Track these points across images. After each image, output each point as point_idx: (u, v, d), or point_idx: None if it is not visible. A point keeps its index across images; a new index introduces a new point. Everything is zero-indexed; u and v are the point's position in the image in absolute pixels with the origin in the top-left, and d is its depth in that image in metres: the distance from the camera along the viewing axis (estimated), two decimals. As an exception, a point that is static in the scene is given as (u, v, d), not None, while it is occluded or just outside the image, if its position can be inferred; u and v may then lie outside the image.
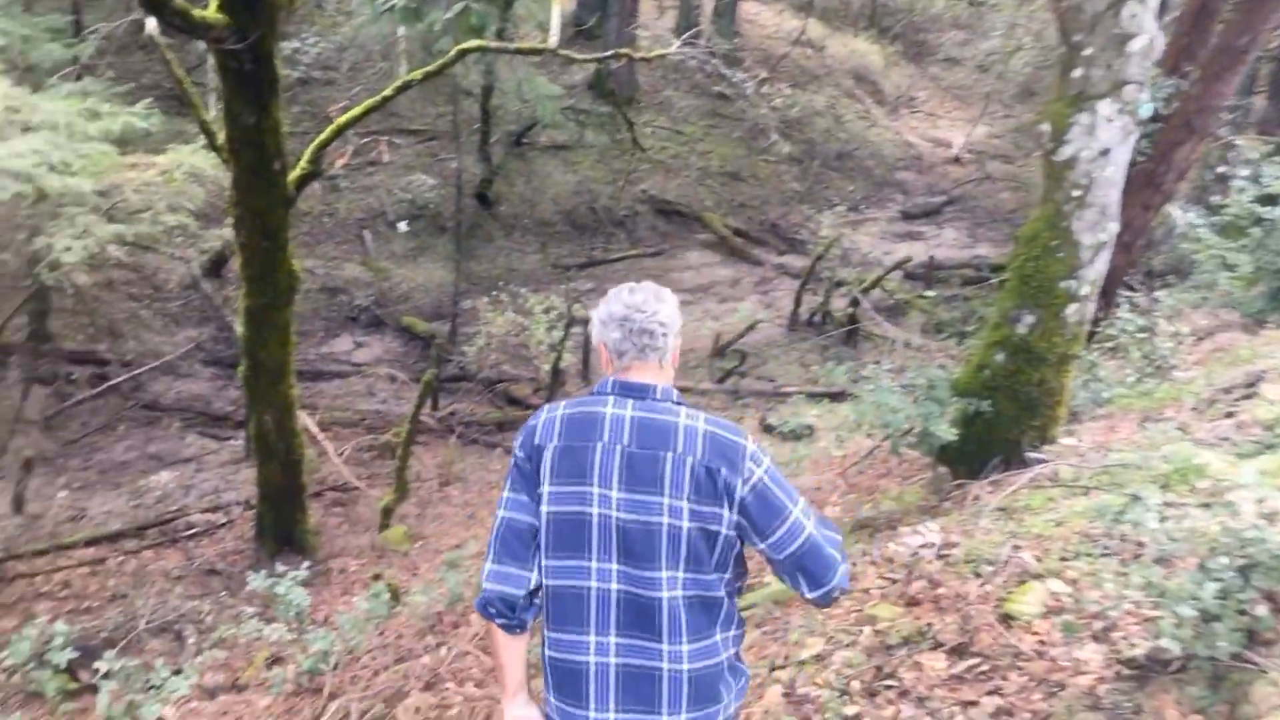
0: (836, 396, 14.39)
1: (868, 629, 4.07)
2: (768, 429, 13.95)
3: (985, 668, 3.50)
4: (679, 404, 2.25)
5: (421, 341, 17.06)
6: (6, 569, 10.19)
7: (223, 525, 11.33)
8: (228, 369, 14.55)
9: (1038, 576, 3.98)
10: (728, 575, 2.24)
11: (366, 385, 15.43)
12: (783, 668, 4.01)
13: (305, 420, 10.83)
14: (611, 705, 2.14)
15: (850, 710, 3.50)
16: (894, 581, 4.42)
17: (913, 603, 4.19)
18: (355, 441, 13.04)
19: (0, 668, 6.91)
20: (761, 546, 2.17)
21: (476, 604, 2.29)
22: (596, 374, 17.23)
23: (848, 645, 3.99)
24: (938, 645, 3.75)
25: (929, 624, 3.95)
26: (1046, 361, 5.40)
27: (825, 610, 4.14)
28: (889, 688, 3.59)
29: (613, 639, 2.13)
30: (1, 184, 8.35)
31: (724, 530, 2.14)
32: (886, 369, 9.24)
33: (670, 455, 2.10)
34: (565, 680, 2.19)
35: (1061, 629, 3.56)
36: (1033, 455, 5.35)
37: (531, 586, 2.24)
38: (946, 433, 5.25)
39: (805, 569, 2.17)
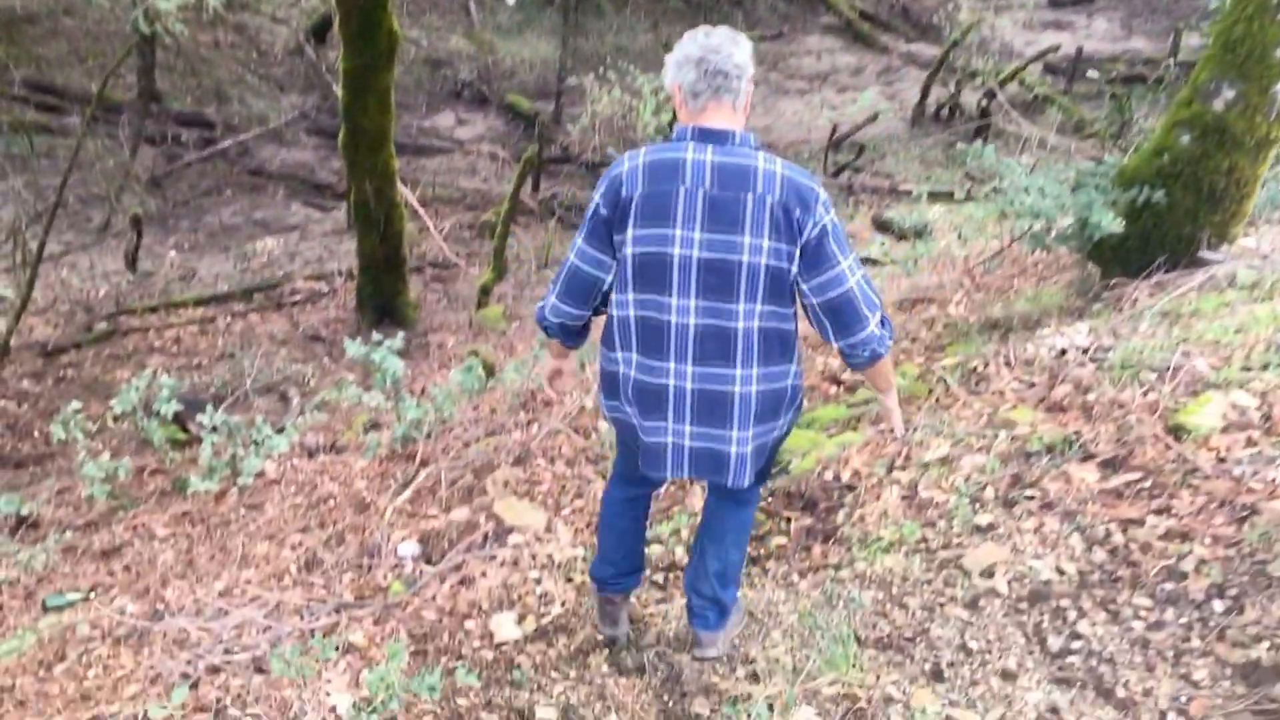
0: (956, 196, 13.46)
1: (1003, 433, 3.61)
2: (882, 226, 13.18)
3: (1148, 484, 3.05)
4: (757, 148, 2.27)
5: (525, 120, 16.46)
6: (121, 323, 10.45)
7: (325, 294, 11.37)
8: (331, 139, 14.28)
9: (1215, 387, 3.44)
10: (794, 308, 2.38)
11: (468, 163, 15.05)
12: (903, 469, 3.62)
13: (406, 193, 10.56)
14: (687, 419, 2.33)
15: (983, 519, 3.12)
16: (1032, 385, 3.92)
17: (1056, 408, 3.71)
18: (455, 219, 12.81)
19: (112, 415, 7.07)
20: (805, 287, 2.26)
21: (536, 317, 2.49)
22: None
23: (979, 450, 3.56)
24: (1089, 456, 3.29)
25: (1077, 432, 3.48)
26: (1242, 146, 4.60)
27: (946, 408, 3.71)
28: (1029, 498, 3.18)
29: (690, 367, 2.28)
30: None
31: (793, 267, 2.23)
32: (1025, 160, 8.36)
33: (751, 196, 2.17)
34: (646, 397, 2.36)
35: (1246, 445, 3.06)
36: (1208, 255, 4.67)
37: (587, 320, 2.46)
38: (1111, 223, 4.57)
39: (838, 317, 2.25)
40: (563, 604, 3.12)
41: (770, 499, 3.28)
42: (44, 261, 9.93)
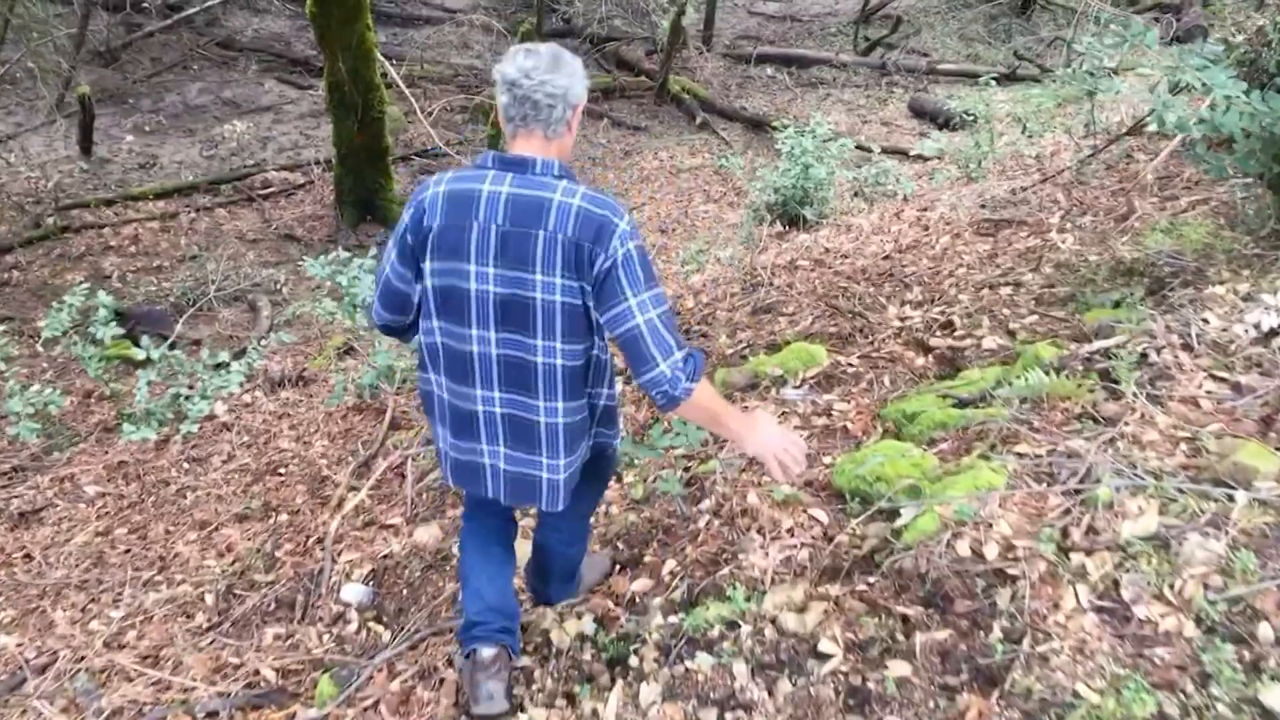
0: (1004, 80, 12.10)
1: (1237, 494, 2.14)
2: (920, 112, 11.90)
3: None
4: (560, 177, 2.15)
5: (523, -13, 14.90)
6: (72, 218, 9.37)
7: (301, 186, 10.24)
8: (307, 6, 12.87)
9: None
10: (603, 341, 2.34)
11: (460, 35, 13.62)
12: (1086, 550, 2.12)
13: (390, 71, 9.33)
14: (500, 442, 2.30)
15: (1268, 690, 1.77)
16: (1238, 388, 2.52)
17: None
18: (445, 101, 11.52)
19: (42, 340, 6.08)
20: (599, 319, 2.17)
21: (373, 324, 2.44)
22: (719, 36, 14.99)
23: (1207, 524, 2.10)
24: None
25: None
26: None
27: (1113, 423, 2.34)
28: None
29: (497, 393, 2.26)
30: None
31: (590, 301, 2.15)
32: (1109, 43, 7.14)
33: (543, 234, 2.10)
34: (458, 421, 2.34)
35: None
36: None
37: (411, 323, 2.37)
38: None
39: (630, 355, 2.14)
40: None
41: (874, 580, 2.15)
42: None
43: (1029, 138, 7.28)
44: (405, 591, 2.68)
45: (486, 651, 2.30)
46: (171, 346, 8.13)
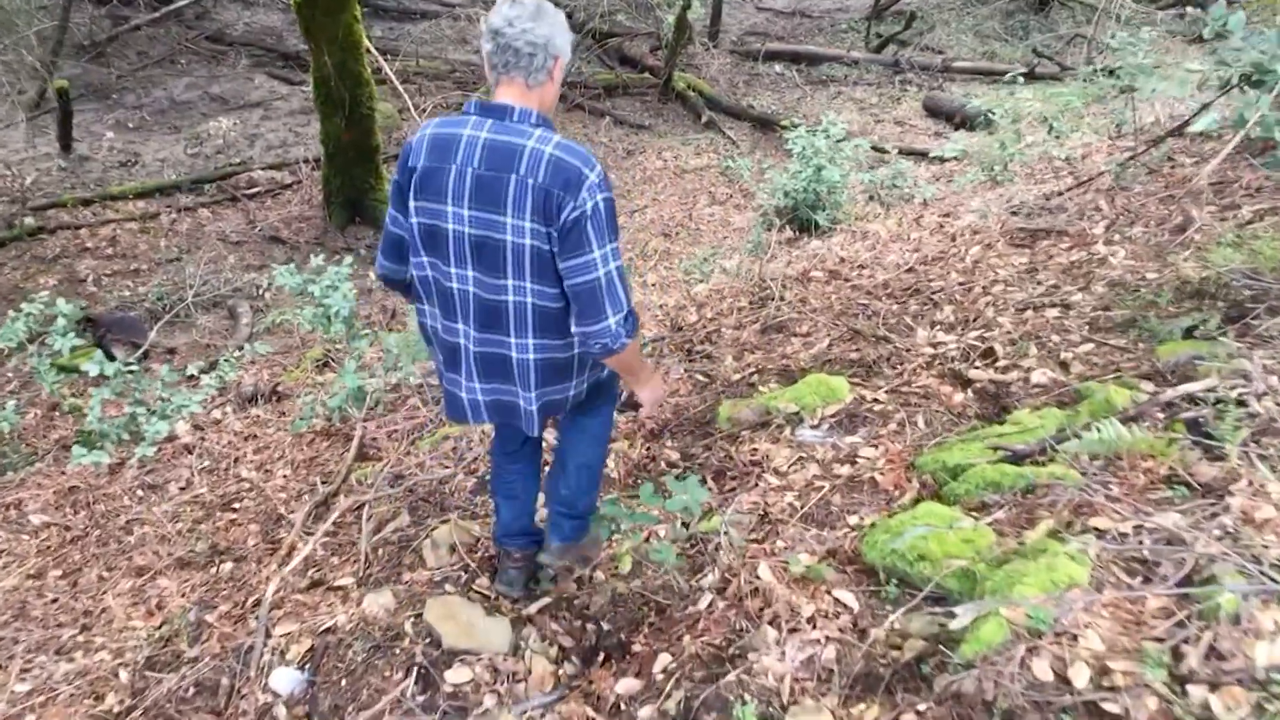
0: (1024, 78, 11.61)
1: None
2: (936, 111, 11.41)
3: None
4: (537, 125, 2.21)
5: (524, -20, 14.45)
6: (49, 218, 8.93)
7: (289, 185, 9.79)
8: (299, -1, 12.42)
9: None
10: None
11: (458, 30, 13.16)
12: (1212, 684, 1.61)
13: (383, 66, 8.88)
14: (477, 377, 2.43)
15: None
16: None
17: None
18: (442, 97, 11.07)
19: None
20: (560, 266, 2.22)
21: (376, 274, 2.54)
22: (725, 31, 14.50)
23: None
24: None
25: None
26: None
27: (1220, 495, 1.87)
28: None
29: (473, 331, 2.35)
30: None
31: (555, 248, 2.20)
32: (1146, 34, 6.66)
33: (514, 178, 2.16)
34: (446, 352, 2.47)
35: None
36: None
37: (409, 277, 2.44)
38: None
39: (579, 304, 2.22)
40: None
41: (924, 708, 1.68)
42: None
43: (1056, 138, 6.81)
44: (344, 682, 2.23)
45: (514, 551, 2.71)
46: (145, 355, 7.70)
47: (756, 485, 2.62)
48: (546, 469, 2.95)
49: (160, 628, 2.81)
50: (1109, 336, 2.94)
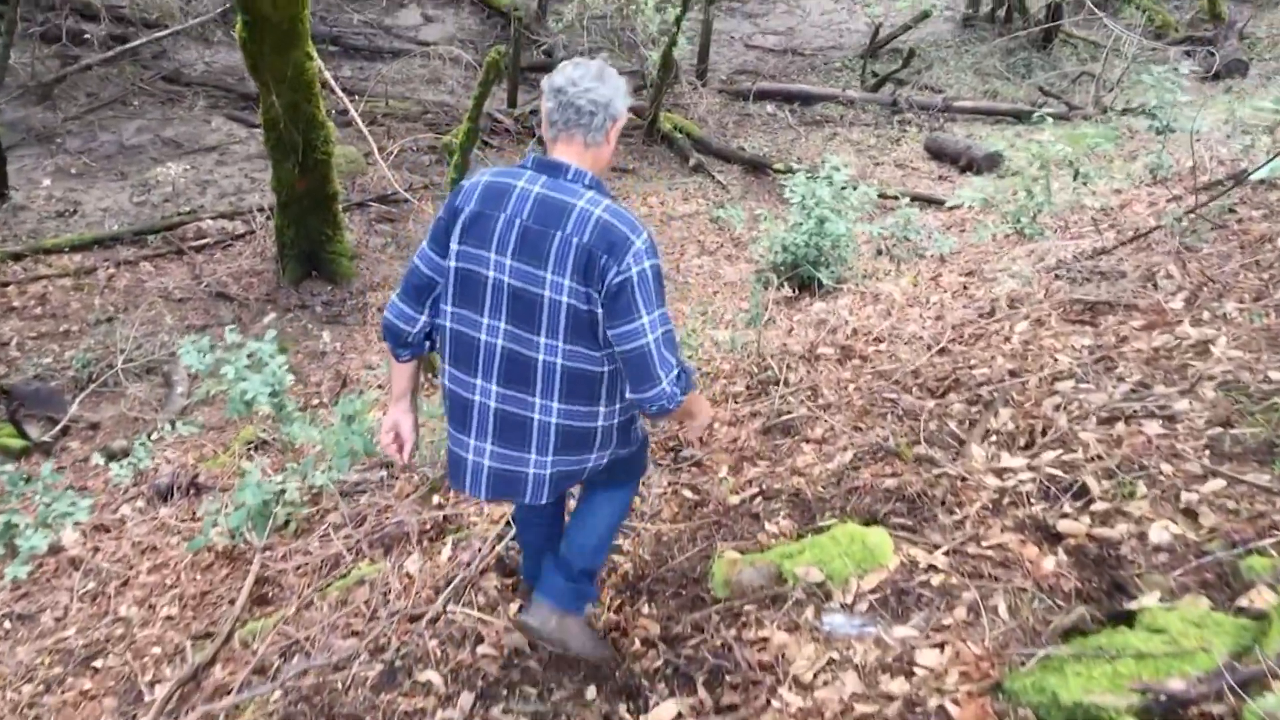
0: (1023, 118, 10.97)
1: None
2: (938, 153, 10.72)
3: None
4: (590, 187, 2.24)
5: (502, 18, 13.83)
6: (-28, 274, 8.12)
7: (241, 236, 9.01)
8: (262, 37, 11.71)
9: None
10: (609, 351, 2.31)
11: (431, 70, 12.47)
12: None
13: (350, 108, 8.13)
14: (489, 438, 2.36)
15: None
16: None
17: None
18: (411, 139, 10.33)
19: None
20: (607, 333, 2.22)
21: (382, 324, 2.49)
22: (714, 70, 13.84)
23: None
24: None
25: None
26: None
27: None
28: None
29: (494, 387, 2.31)
30: None
31: (598, 310, 2.20)
32: (1186, 68, 5.94)
33: (559, 234, 2.17)
34: (456, 410, 2.42)
35: None
36: None
37: (420, 328, 2.40)
38: None
39: (630, 370, 2.23)
40: None
41: None
42: None
43: (1084, 184, 6.08)
44: None
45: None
46: (64, 432, 6.88)
47: (768, 706, 1.81)
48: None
49: None
50: (1243, 469, 2.15)
